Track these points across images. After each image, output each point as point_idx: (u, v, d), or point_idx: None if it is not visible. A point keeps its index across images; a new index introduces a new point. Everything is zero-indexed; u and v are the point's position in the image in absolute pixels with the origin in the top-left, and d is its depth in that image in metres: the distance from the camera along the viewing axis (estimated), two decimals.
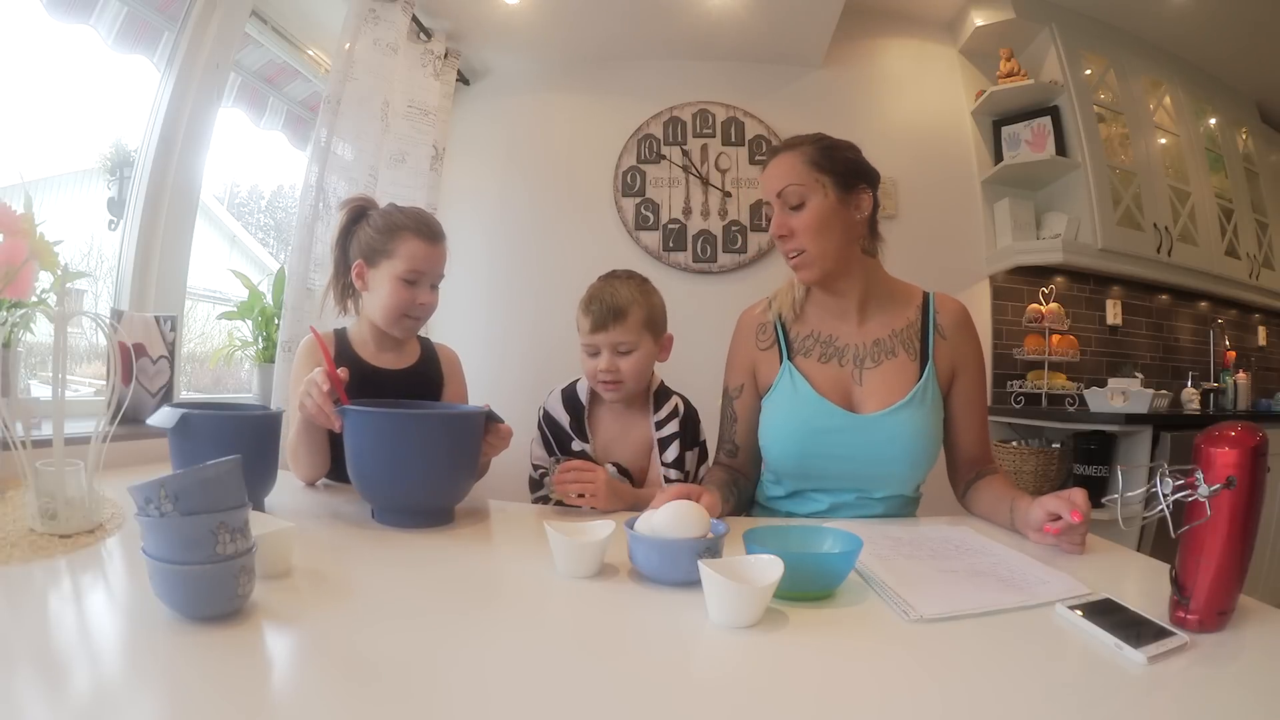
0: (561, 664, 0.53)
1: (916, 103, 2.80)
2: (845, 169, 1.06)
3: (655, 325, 1.30)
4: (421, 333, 1.38)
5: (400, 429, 0.92)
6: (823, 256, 1.05)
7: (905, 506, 1.13)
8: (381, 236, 1.24)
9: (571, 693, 0.48)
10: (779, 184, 1.06)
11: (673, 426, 1.30)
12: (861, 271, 1.10)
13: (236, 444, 0.71)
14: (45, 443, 0.80)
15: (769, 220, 1.09)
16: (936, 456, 1.11)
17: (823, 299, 1.13)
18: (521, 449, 2.06)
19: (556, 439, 1.37)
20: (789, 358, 1.13)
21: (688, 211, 2.73)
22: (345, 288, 1.33)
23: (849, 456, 1.06)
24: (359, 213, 1.29)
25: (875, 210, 1.10)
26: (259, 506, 0.92)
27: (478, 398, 1.53)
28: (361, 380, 1.13)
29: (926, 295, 1.14)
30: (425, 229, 1.25)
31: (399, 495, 0.93)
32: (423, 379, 1.33)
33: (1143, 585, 0.80)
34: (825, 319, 1.14)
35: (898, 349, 1.09)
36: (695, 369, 1.59)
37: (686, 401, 1.35)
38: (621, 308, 1.24)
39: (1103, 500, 0.75)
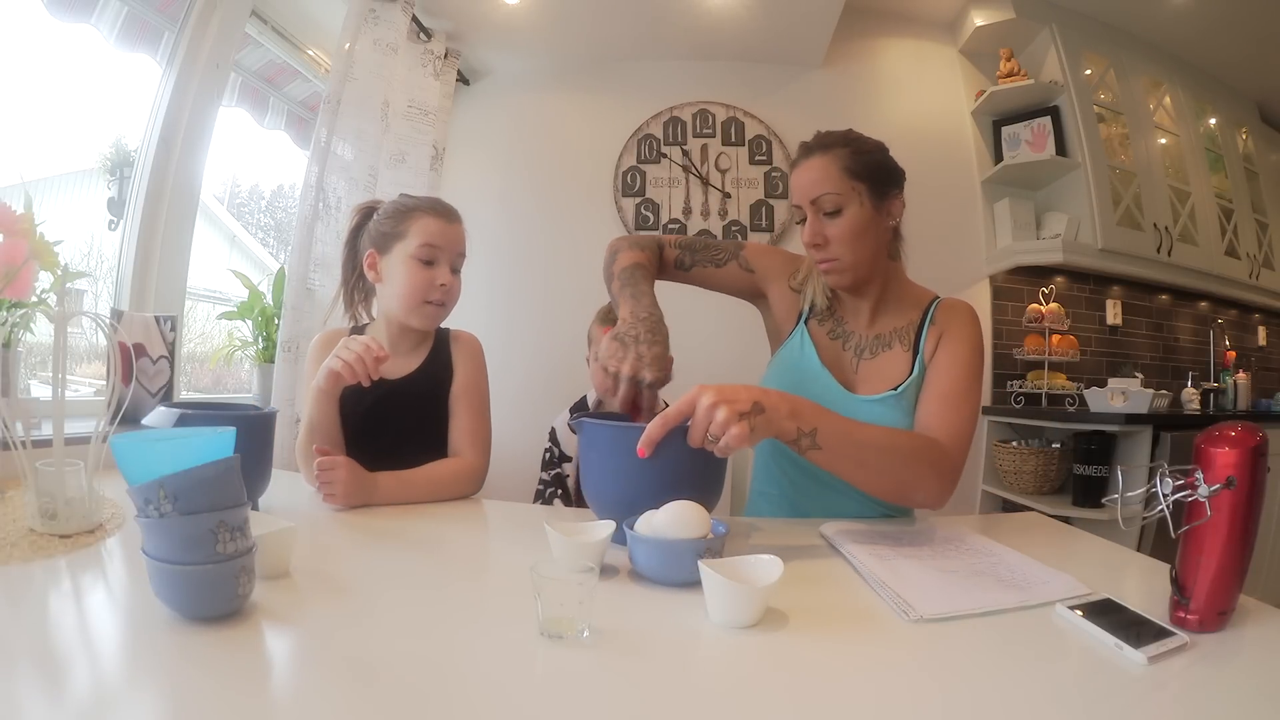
0: (561, 664, 0.53)
1: (916, 103, 2.80)
2: (879, 175, 1.04)
3: None
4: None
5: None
6: (856, 265, 1.04)
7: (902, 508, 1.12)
8: (393, 220, 1.17)
9: (572, 692, 0.48)
10: (815, 191, 1.02)
11: None
12: (883, 275, 1.10)
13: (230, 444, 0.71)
14: (45, 443, 0.80)
15: (801, 223, 1.05)
16: None
17: (843, 295, 1.14)
18: (525, 454, 2.04)
19: (562, 451, 1.40)
20: (805, 320, 1.15)
21: (688, 211, 2.73)
22: (354, 291, 1.27)
23: None
24: (368, 212, 1.25)
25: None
26: (254, 507, 0.92)
27: None
28: (360, 388, 1.04)
29: (936, 299, 1.13)
30: (441, 207, 1.20)
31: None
32: (423, 385, 1.21)
33: (1143, 585, 0.80)
34: (842, 308, 1.15)
35: (894, 343, 1.09)
36: (694, 370, 1.58)
37: None
38: None
39: (1103, 500, 0.75)
